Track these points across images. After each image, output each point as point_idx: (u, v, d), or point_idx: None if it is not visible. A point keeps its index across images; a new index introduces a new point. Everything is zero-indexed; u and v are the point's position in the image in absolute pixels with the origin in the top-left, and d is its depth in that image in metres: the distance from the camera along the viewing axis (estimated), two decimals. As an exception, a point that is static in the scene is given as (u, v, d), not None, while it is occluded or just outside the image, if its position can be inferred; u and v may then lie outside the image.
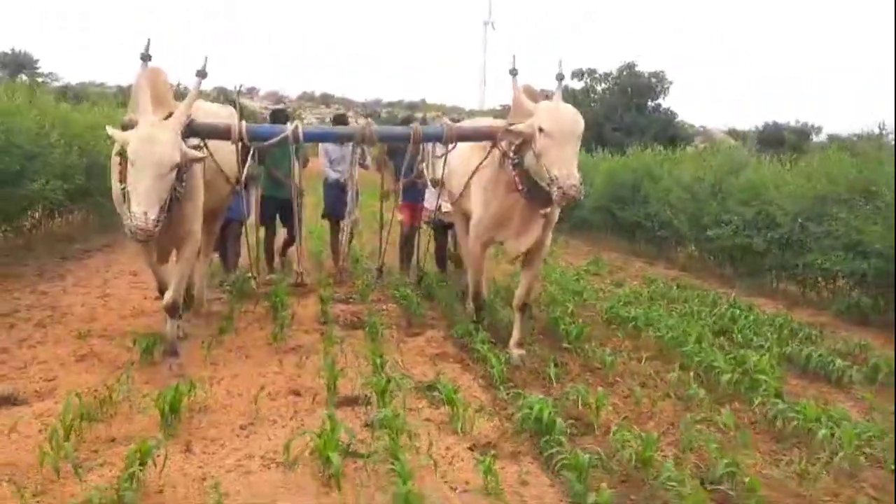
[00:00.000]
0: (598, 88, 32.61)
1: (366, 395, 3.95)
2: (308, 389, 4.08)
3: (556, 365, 4.58)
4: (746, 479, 3.01)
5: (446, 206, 6.66)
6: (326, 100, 62.25)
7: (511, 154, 4.70)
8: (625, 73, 32.37)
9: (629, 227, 11.28)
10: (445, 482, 3.03)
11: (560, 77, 4.94)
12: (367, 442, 3.36)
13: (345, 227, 7.29)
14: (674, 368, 4.65)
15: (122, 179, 4.16)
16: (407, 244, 7.86)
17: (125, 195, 4.08)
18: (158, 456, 2.98)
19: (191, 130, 4.57)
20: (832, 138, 32.59)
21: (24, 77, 47.41)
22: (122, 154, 4.10)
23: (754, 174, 8.74)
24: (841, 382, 4.67)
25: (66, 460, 2.95)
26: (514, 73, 4.93)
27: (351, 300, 6.54)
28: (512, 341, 5.00)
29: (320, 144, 7.80)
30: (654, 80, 32.14)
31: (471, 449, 3.38)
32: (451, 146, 5.51)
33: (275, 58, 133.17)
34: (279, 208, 7.27)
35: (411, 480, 2.81)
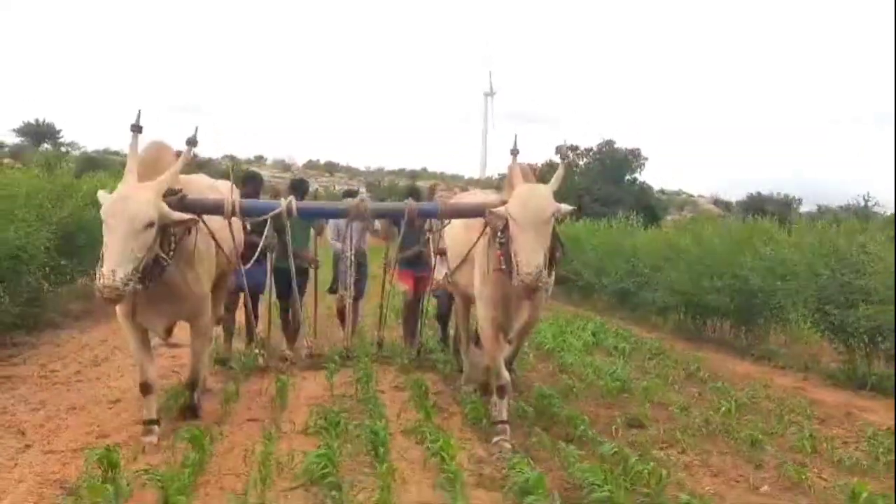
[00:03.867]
0: (580, 163, 37.12)
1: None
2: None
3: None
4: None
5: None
6: (331, 168, 67.33)
7: (499, 233, 4.76)
8: (604, 148, 36.97)
9: (561, 280, 15.43)
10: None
11: (564, 155, 6.19)
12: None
13: (344, 300, 7.61)
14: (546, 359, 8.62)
15: None
16: (411, 315, 8.02)
17: (101, 257, 4.10)
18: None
19: (182, 206, 4.61)
20: (822, 209, 37.12)
21: (48, 146, 52.44)
22: None
23: (634, 240, 13.03)
24: (623, 357, 8.71)
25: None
26: (514, 152, 5.02)
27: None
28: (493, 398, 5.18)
29: None
30: (630, 155, 36.68)
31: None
32: (445, 221, 5.80)
33: (282, 126, 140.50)
34: (289, 281, 7.11)
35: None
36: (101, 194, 4.34)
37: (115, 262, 3.95)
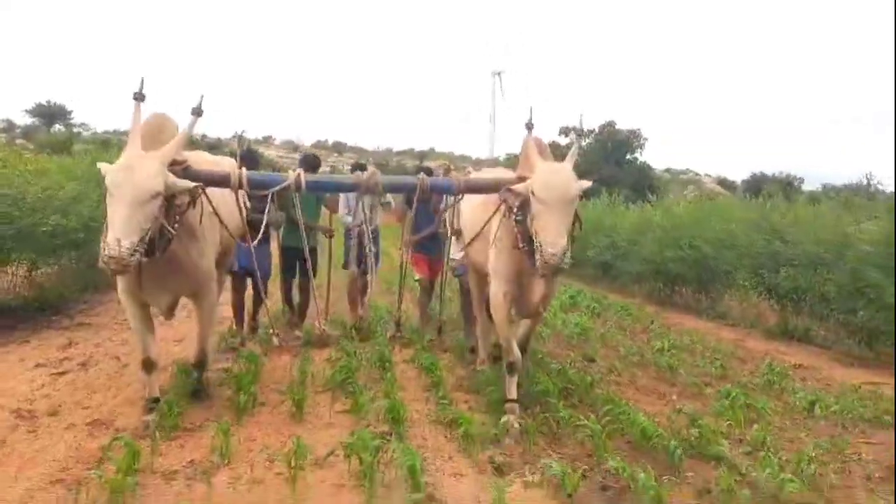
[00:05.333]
0: (583, 144, 38.50)
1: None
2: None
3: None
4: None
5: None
6: (339, 148, 68.90)
7: (515, 210, 4.73)
8: (605, 129, 38.38)
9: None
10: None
11: (577, 133, 5.19)
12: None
13: (357, 277, 7.81)
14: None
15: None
16: (427, 299, 8.19)
17: (104, 229, 4.05)
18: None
19: (187, 176, 4.54)
20: (826, 188, 38.47)
21: (60, 127, 54.04)
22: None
23: (613, 217, 14.72)
24: (592, 314, 10.40)
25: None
26: (530, 126, 4.98)
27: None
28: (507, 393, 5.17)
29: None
30: (631, 136, 38.07)
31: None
32: (459, 197, 5.90)
33: (290, 106, 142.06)
34: (298, 260, 7.25)
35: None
36: (103, 165, 4.25)
37: (120, 231, 3.87)
